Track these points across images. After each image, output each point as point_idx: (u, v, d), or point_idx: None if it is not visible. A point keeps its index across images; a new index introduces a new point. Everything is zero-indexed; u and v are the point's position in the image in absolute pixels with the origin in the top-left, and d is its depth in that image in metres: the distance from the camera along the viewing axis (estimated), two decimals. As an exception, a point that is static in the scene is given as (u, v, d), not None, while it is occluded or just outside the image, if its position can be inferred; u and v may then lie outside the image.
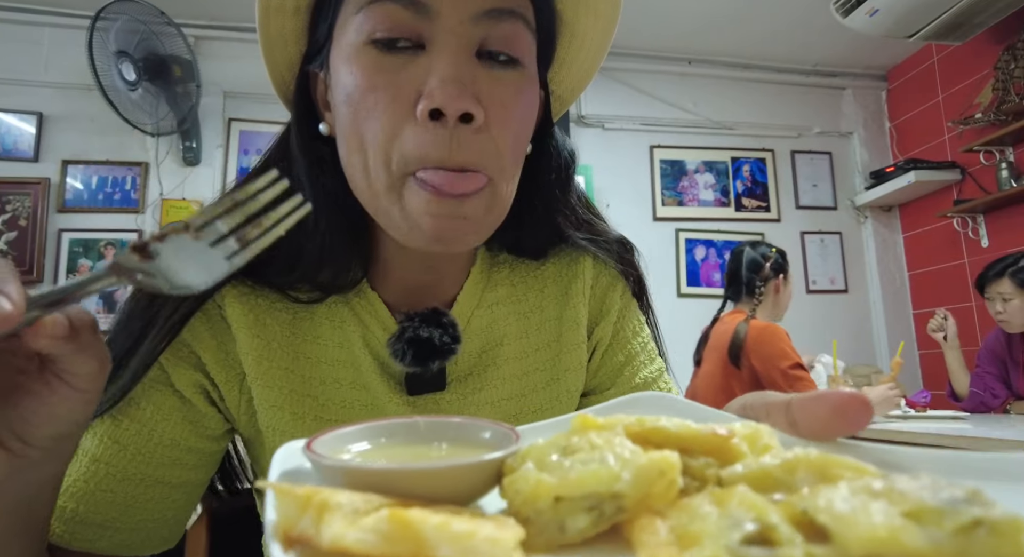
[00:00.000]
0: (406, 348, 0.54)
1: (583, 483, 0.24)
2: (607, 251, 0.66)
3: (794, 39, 3.55)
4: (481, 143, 0.47)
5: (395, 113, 0.46)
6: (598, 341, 0.65)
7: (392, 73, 0.47)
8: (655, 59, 3.65)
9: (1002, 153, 3.16)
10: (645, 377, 0.64)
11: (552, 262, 0.65)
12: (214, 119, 3.15)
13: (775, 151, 3.80)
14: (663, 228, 3.58)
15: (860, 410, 0.30)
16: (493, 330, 0.62)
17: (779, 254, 2.46)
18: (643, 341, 0.67)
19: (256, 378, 0.55)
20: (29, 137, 2.98)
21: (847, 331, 3.57)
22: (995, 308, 2.49)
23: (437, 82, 0.45)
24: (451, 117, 0.45)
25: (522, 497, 0.25)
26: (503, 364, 0.61)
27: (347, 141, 0.50)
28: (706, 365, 2.39)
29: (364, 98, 0.47)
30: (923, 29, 2.88)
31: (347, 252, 0.56)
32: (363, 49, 0.48)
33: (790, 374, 2.15)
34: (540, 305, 0.64)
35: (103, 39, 2.61)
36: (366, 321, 0.58)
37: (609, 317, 0.65)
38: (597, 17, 0.56)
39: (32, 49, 3.02)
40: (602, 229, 0.67)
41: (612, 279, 0.66)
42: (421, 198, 0.46)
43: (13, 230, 2.90)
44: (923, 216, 3.64)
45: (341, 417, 0.57)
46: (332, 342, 0.58)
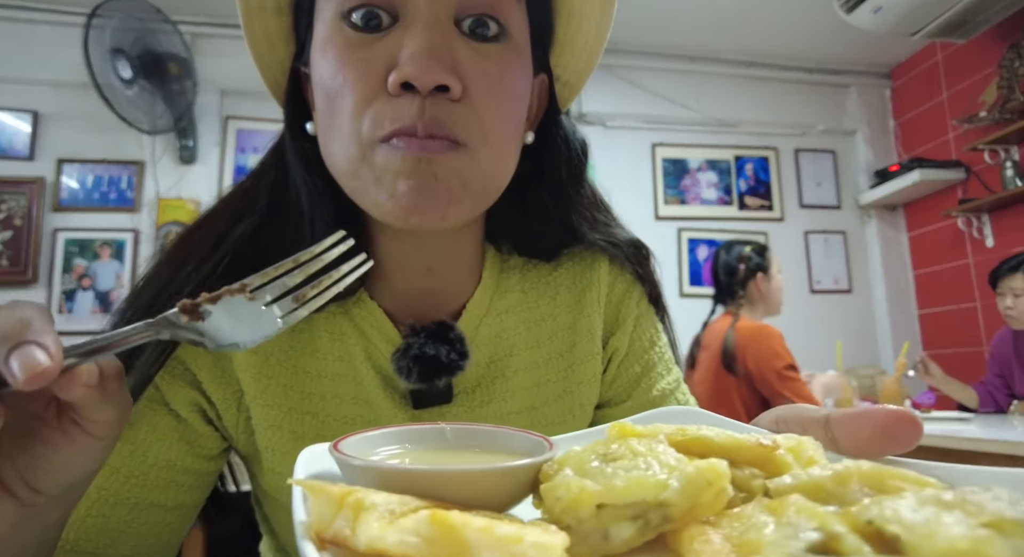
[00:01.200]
0: (411, 365, 0.52)
1: (629, 491, 0.23)
2: (622, 254, 0.63)
3: (798, 36, 3.52)
4: (457, 111, 0.45)
5: (366, 88, 0.44)
6: (614, 351, 0.62)
7: (363, 49, 0.45)
8: (657, 56, 3.62)
9: (1007, 152, 3.13)
10: (663, 389, 0.62)
11: (565, 267, 0.62)
12: (211, 117, 3.12)
13: (778, 149, 3.77)
14: (665, 227, 3.56)
15: (908, 428, 0.28)
16: (502, 340, 0.59)
17: (755, 251, 2.39)
18: (660, 351, 0.64)
19: (255, 396, 0.53)
20: (24, 135, 2.96)
21: (851, 331, 3.55)
22: (1005, 303, 2.49)
23: (408, 54, 0.43)
24: (423, 89, 0.43)
25: (562, 504, 0.24)
26: (512, 376, 0.58)
27: (324, 126, 0.48)
28: (699, 370, 2.37)
29: (335, 77, 0.45)
30: (927, 26, 2.86)
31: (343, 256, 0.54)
32: (337, 27, 0.46)
33: (784, 375, 2.13)
34: (552, 313, 0.61)
35: (99, 37, 2.58)
36: (368, 333, 0.56)
37: (625, 326, 0.62)
38: None
39: (27, 47, 3.00)
40: (617, 230, 0.64)
41: (628, 286, 0.64)
42: (392, 160, 0.44)
43: (8, 229, 2.87)
44: (927, 215, 3.61)
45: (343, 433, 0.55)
46: (332, 355, 0.55)
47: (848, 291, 3.71)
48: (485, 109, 0.46)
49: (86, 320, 2.85)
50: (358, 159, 0.45)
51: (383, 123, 0.44)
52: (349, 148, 0.45)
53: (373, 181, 0.45)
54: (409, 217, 0.45)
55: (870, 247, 3.79)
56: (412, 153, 0.44)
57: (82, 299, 2.89)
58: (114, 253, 2.95)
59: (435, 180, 0.45)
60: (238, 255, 0.53)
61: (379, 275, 0.57)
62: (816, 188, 3.78)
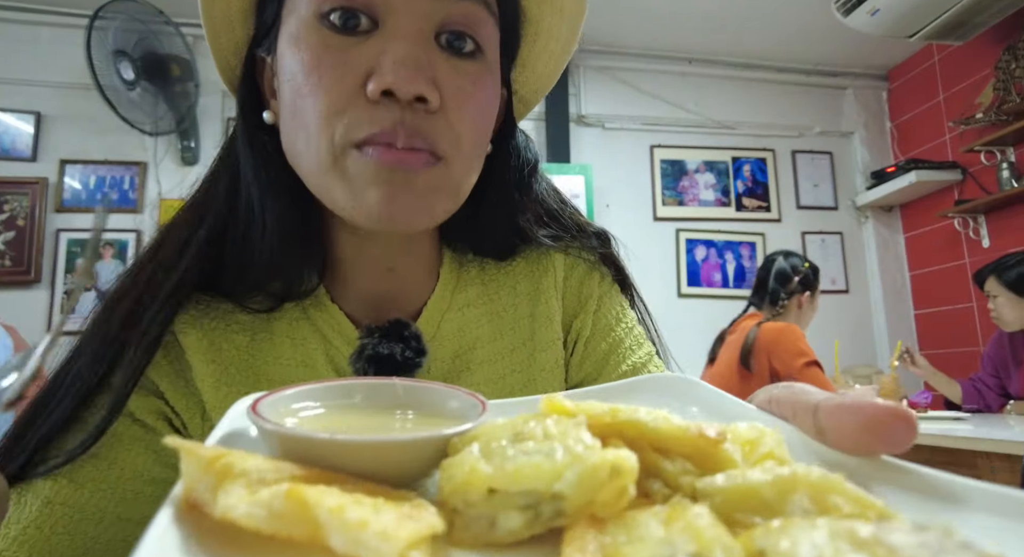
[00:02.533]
0: (367, 367, 0.51)
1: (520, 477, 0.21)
2: (580, 244, 0.63)
3: (795, 39, 3.54)
4: (435, 123, 0.45)
5: (342, 90, 0.44)
6: (578, 333, 0.62)
7: (342, 51, 0.44)
8: (655, 58, 3.64)
9: (1003, 153, 3.15)
10: (633, 363, 0.61)
11: (522, 257, 0.63)
12: (213, 119, 3.14)
13: (776, 151, 3.79)
14: (663, 228, 3.57)
15: (898, 427, 0.25)
16: (465, 333, 0.59)
17: (812, 270, 2.42)
18: (627, 326, 0.63)
19: (215, 406, 0.52)
20: (27, 137, 2.97)
21: (848, 331, 3.56)
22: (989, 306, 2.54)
23: (391, 62, 0.43)
24: (404, 98, 0.43)
25: (452, 484, 0.22)
26: (477, 369, 0.58)
27: (289, 124, 0.47)
28: (718, 365, 2.40)
29: (309, 76, 0.44)
30: (924, 29, 2.87)
31: (299, 254, 0.53)
32: (312, 26, 0.45)
33: (805, 371, 2.16)
34: (512, 303, 0.61)
35: (101, 38, 2.60)
36: (328, 336, 0.55)
37: (588, 307, 0.62)
38: (563, 16, 0.54)
39: (30, 48, 3.01)
40: (578, 223, 0.64)
41: (587, 269, 0.64)
42: (366, 168, 0.44)
43: (11, 230, 2.89)
44: (924, 216, 3.63)
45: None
46: (294, 361, 0.55)
47: (845, 291, 3.73)
48: (460, 123, 0.47)
49: (88, 320, 2.86)
50: (328, 161, 0.45)
51: (360, 127, 0.44)
52: (320, 148, 0.45)
53: (343, 185, 0.45)
54: (379, 222, 0.45)
55: (867, 248, 3.81)
56: (387, 164, 0.44)
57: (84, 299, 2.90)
58: (116, 253, 2.96)
59: (409, 190, 0.45)
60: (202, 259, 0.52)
61: (338, 275, 0.56)
62: (813, 189, 3.80)
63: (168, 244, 0.53)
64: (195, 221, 0.53)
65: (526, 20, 0.55)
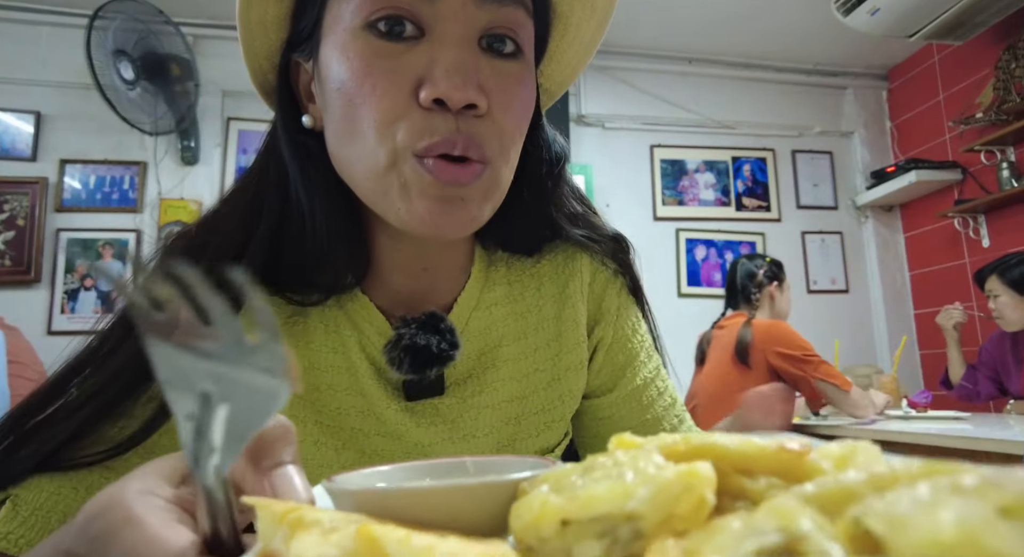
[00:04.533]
0: (403, 356, 0.53)
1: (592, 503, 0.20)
2: (602, 247, 0.65)
3: (795, 38, 3.54)
4: (484, 128, 0.47)
5: (396, 98, 0.45)
6: (599, 341, 0.64)
7: (391, 59, 0.45)
8: (655, 58, 3.64)
9: (1003, 153, 3.15)
10: (645, 377, 0.64)
11: (548, 259, 0.64)
12: (213, 118, 3.14)
13: (776, 151, 3.79)
14: (663, 228, 3.57)
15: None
16: (491, 332, 0.60)
17: (772, 263, 2.57)
18: (641, 339, 0.66)
19: None
20: (27, 136, 2.97)
21: (848, 331, 3.57)
22: (990, 305, 2.54)
23: (442, 71, 0.44)
24: (455, 107, 0.44)
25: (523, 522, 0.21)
26: (502, 366, 0.60)
27: (340, 130, 0.48)
28: (709, 366, 2.42)
29: (362, 84, 0.45)
30: (924, 28, 2.87)
31: (347, 252, 0.54)
32: (360, 34, 0.46)
33: (809, 360, 2.24)
34: (538, 304, 0.62)
35: (101, 38, 2.60)
36: (361, 326, 0.56)
37: (609, 316, 0.64)
38: (593, 11, 0.55)
39: (30, 48, 3.01)
40: (597, 224, 0.65)
41: (609, 277, 0.65)
42: (423, 180, 0.45)
43: (11, 230, 2.89)
44: (924, 216, 3.63)
45: (338, 423, 0.56)
46: (327, 347, 0.56)
47: (845, 291, 3.73)
48: (505, 124, 0.48)
49: (89, 320, 2.87)
50: (387, 165, 0.46)
51: (419, 135, 0.45)
52: (377, 154, 0.46)
53: (398, 191, 0.46)
54: (427, 231, 0.47)
55: (867, 247, 3.81)
56: (442, 179, 0.45)
57: (84, 299, 2.91)
58: (116, 253, 2.96)
59: (460, 203, 0.47)
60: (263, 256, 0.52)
61: (375, 274, 0.57)
62: (813, 189, 3.80)
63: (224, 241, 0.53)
64: (253, 219, 0.53)
65: (556, 15, 0.56)
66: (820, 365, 2.23)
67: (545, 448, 0.62)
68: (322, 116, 0.51)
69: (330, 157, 0.51)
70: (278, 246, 0.53)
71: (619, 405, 0.63)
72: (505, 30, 0.48)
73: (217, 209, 0.56)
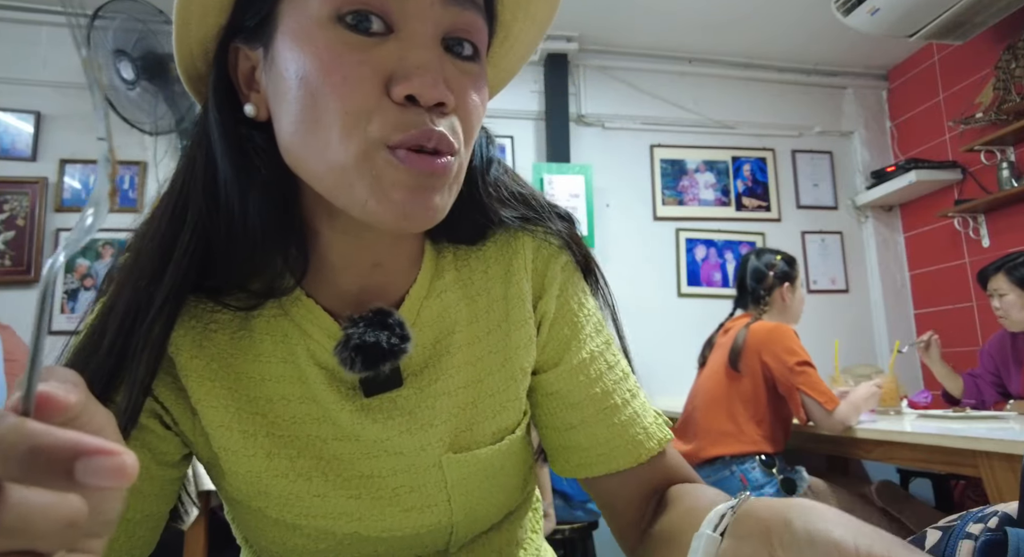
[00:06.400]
0: (354, 355, 0.52)
1: None
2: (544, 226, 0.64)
3: (795, 38, 3.54)
4: (451, 125, 0.48)
5: (367, 92, 0.45)
6: (543, 315, 0.63)
7: (362, 52, 0.45)
8: (655, 58, 3.64)
9: (1003, 153, 3.15)
10: (591, 351, 0.63)
11: (492, 241, 0.64)
12: (213, 118, 3.14)
13: (776, 150, 3.79)
14: (663, 228, 3.57)
15: None
16: (445, 319, 0.60)
17: (785, 261, 2.44)
18: (588, 313, 0.65)
19: (200, 399, 0.53)
20: (27, 136, 2.97)
21: (848, 331, 3.57)
22: (994, 304, 2.51)
23: (413, 68, 0.45)
24: (427, 104, 0.45)
25: None
26: (457, 352, 0.59)
27: (299, 120, 0.46)
28: (708, 368, 2.41)
29: (330, 74, 0.45)
30: (924, 28, 2.87)
31: (281, 252, 0.53)
32: (328, 25, 0.45)
33: (796, 370, 2.17)
34: (486, 287, 0.62)
35: (101, 38, 2.60)
36: (309, 331, 0.55)
37: (552, 290, 0.63)
38: (534, 22, 0.56)
39: (30, 48, 3.01)
40: (540, 203, 0.65)
41: (553, 251, 0.64)
42: (396, 170, 0.45)
43: (11, 229, 2.89)
44: (924, 216, 3.63)
45: (292, 432, 0.55)
46: (275, 358, 0.55)
47: (845, 291, 3.73)
48: (466, 122, 0.49)
49: (88, 320, 2.87)
50: (357, 158, 0.45)
51: (393, 129, 0.45)
52: (345, 146, 0.45)
53: (367, 183, 0.45)
54: (399, 222, 0.46)
55: (867, 247, 3.81)
56: (418, 169, 0.45)
57: (84, 299, 2.91)
58: (117, 253, 2.95)
59: (431, 191, 0.47)
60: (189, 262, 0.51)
61: (319, 275, 0.56)
62: (813, 189, 3.80)
63: (147, 251, 0.51)
64: (176, 224, 0.51)
65: (498, 23, 0.56)
66: (808, 377, 2.15)
67: (503, 428, 0.62)
68: (269, 106, 0.50)
69: (280, 149, 0.50)
70: (207, 250, 0.51)
71: (566, 379, 0.62)
72: (465, 34, 0.49)
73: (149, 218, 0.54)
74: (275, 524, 0.58)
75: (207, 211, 0.51)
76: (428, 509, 0.59)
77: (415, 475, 0.58)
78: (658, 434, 0.62)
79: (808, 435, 2.42)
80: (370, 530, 0.57)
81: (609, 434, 0.61)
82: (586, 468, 0.62)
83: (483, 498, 0.62)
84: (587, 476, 0.62)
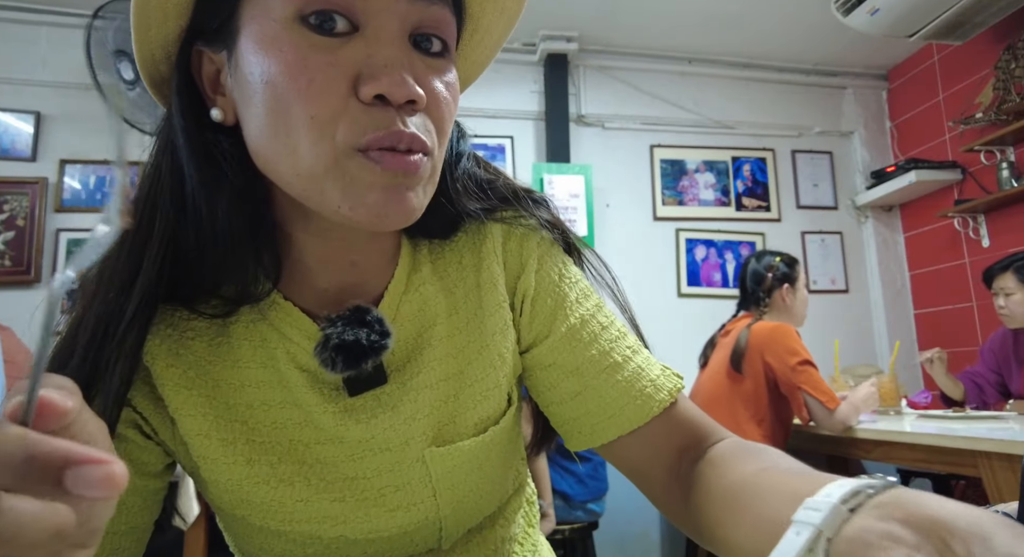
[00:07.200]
0: (334, 355, 0.51)
1: None
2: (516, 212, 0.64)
3: (795, 38, 3.54)
4: (422, 123, 0.47)
5: (335, 93, 0.44)
6: (524, 293, 0.62)
7: (328, 53, 0.44)
8: (655, 58, 3.64)
9: (1003, 153, 3.15)
10: (581, 315, 0.62)
11: (463, 232, 0.63)
12: (213, 118, 3.14)
13: (776, 151, 3.79)
14: (663, 228, 3.57)
15: None
16: (424, 312, 0.59)
17: (785, 263, 2.44)
18: (572, 280, 0.64)
19: (178, 408, 0.53)
20: (27, 136, 2.97)
21: (848, 331, 3.56)
22: (998, 302, 2.51)
23: (381, 67, 0.44)
24: (397, 102, 0.45)
25: None
26: (437, 344, 0.59)
27: (266, 125, 0.46)
28: (709, 369, 2.41)
29: (296, 78, 0.44)
30: (924, 28, 2.87)
31: (253, 257, 0.52)
32: (292, 26, 0.44)
33: (798, 370, 2.18)
34: (461, 276, 0.62)
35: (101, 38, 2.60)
36: (288, 333, 0.55)
37: (529, 266, 0.62)
38: (503, 13, 0.56)
39: (30, 48, 3.01)
40: (513, 189, 0.64)
41: (525, 231, 0.64)
42: (371, 172, 0.45)
43: (11, 230, 2.89)
44: (924, 216, 3.63)
45: (273, 438, 0.55)
46: (254, 363, 0.55)
47: (845, 291, 3.73)
48: (438, 119, 0.49)
49: (88, 320, 2.87)
50: (329, 164, 0.45)
51: (362, 131, 0.44)
52: (314, 153, 0.44)
53: (341, 187, 0.45)
54: (375, 223, 0.46)
55: (867, 247, 3.81)
56: (391, 168, 0.45)
57: (84, 299, 2.91)
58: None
59: (407, 190, 0.47)
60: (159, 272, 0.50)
61: (295, 276, 0.55)
62: (813, 189, 3.80)
63: (115, 262, 0.51)
64: (144, 233, 0.50)
65: (468, 16, 0.56)
66: (810, 376, 2.17)
67: (486, 418, 0.61)
68: (236, 110, 0.49)
69: (250, 153, 0.49)
70: (177, 258, 0.51)
71: (559, 348, 0.61)
72: (433, 30, 0.48)
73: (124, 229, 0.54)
74: (259, 531, 0.57)
75: (175, 218, 0.50)
76: (414, 507, 0.58)
77: (399, 473, 0.57)
78: (667, 385, 0.60)
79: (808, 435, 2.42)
80: (357, 533, 0.57)
81: (615, 393, 0.59)
82: (599, 434, 0.59)
83: (470, 491, 0.61)
84: (602, 443, 0.60)
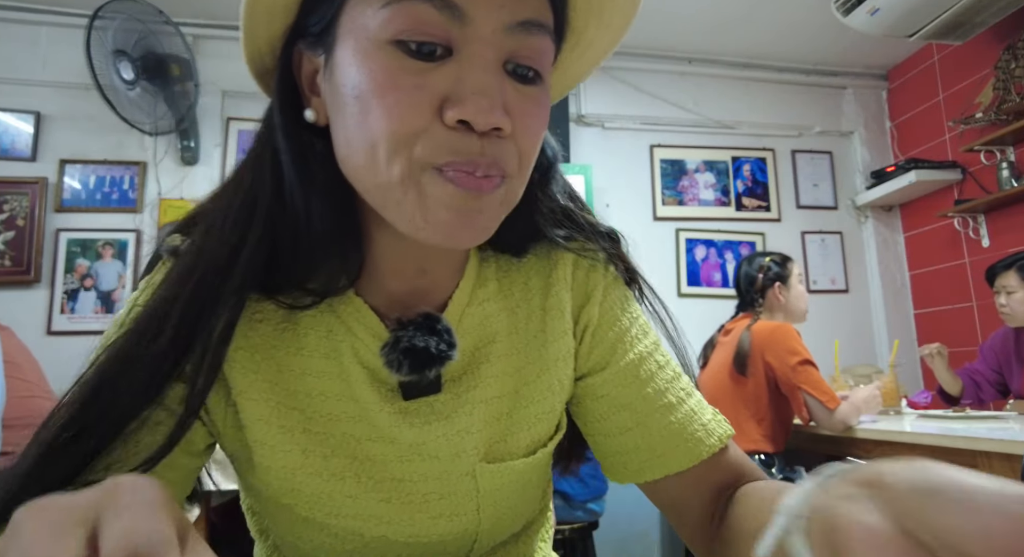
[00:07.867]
0: (402, 358, 0.52)
1: None
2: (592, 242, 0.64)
3: (795, 38, 3.54)
4: (505, 147, 0.47)
5: (419, 115, 0.44)
6: (587, 323, 0.63)
7: (417, 76, 0.45)
8: (655, 58, 3.64)
9: (1003, 153, 3.15)
10: (640, 352, 0.62)
11: (533, 253, 0.64)
12: (212, 118, 3.14)
13: (776, 151, 3.79)
14: (663, 228, 3.57)
15: None
16: (485, 327, 0.60)
17: (774, 262, 2.46)
18: (633, 316, 0.65)
19: (242, 391, 0.54)
20: (27, 136, 2.97)
21: (848, 331, 3.57)
22: (999, 301, 2.51)
23: (469, 93, 0.44)
24: (481, 130, 0.45)
25: None
26: (496, 361, 0.60)
27: (352, 136, 0.47)
28: (710, 369, 2.42)
29: (383, 96, 0.44)
30: (924, 28, 2.87)
31: (342, 253, 0.54)
32: (386, 47, 0.45)
33: (798, 369, 2.18)
34: (526, 298, 0.62)
35: (101, 38, 2.60)
36: (355, 330, 0.56)
37: (595, 297, 0.63)
38: (608, 28, 0.55)
39: (30, 48, 3.01)
40: (589, 221, 0.65)
41: (593, 262, 0.65)
42: (444, 190, 0.45)
43: (11, 230, 2.89)
44: (924, 216, 3.63)
45: (328, 429, 0.55)
46: (318, 353, 0.56)
47: (845, 291, 3.73)
48: (525, 145, 0.48)
49: (88, 320, 2.87)
50: (401, 178, 0.45)
51: (441, 152, 0.45)
52: (391, 166, 0.45)
53: (415, 201, 0.46)
54: (444, 241, 0.47)
55: (867, 247, 3.81)
56: (464, 190, 0.45)
57: (84, 299, 2.91)
58: (116, 253, 2.96)
59: (479, 213, 0.47)
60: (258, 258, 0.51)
61: (371, 275, 0.57)
62: (813, 189, 3.80)
63: (213, 246, 0.51)
64: (245, 221, 0.51)
65: (569, 29, 0.55)
66: (810, 376, 2.17)
67: (537, 441, 0.62)
68: (328, 112, 0.50)
69: (336, 156, 0.50)
70: (271, 249, 0.52)
71: (615, 381, 0.61)
72: (528, 60, 0.48)
73: (209, 208, 0.54)
74: (303, 522, 0.58)
75: (277, 208, 0.51)
76: (456, 517, 0.59)
77: (447, 482, 0.58)
78: (718, 430, 0.60)
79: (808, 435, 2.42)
80: (398, 534, 0.58)
81: (667, 433, 0.59)
82: (647, 472, 0.60)
83: (509, 508, 0.62)
84: (647, 480, 0.60)
